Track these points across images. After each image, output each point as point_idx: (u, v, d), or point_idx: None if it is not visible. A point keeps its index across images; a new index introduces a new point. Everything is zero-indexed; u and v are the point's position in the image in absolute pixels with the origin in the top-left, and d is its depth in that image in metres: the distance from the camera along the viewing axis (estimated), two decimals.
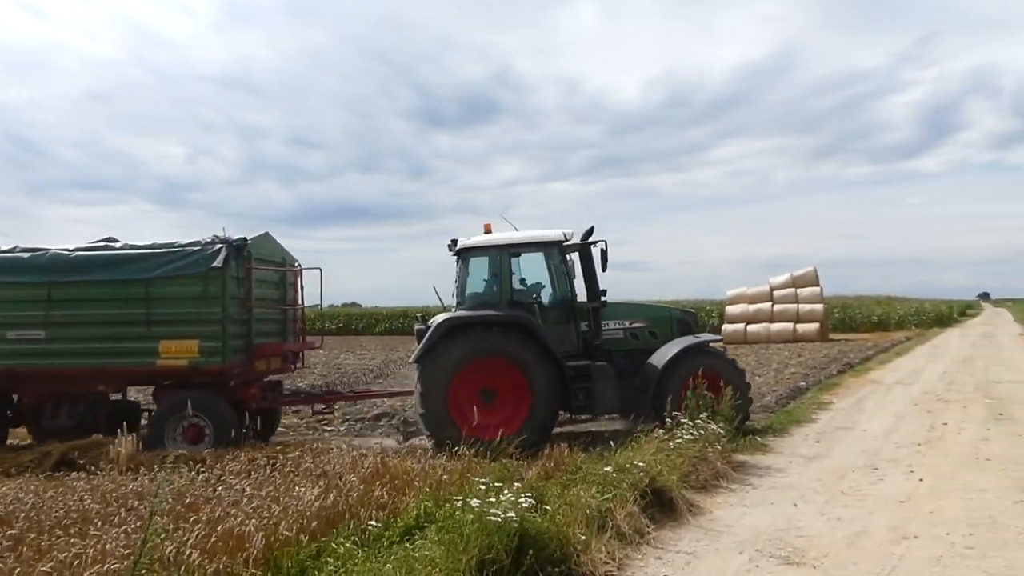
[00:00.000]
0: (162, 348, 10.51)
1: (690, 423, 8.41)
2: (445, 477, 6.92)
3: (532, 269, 11.37)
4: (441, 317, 10.62)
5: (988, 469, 8.11)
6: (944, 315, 49.47)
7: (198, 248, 10.70)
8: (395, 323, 50.25)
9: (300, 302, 12.77)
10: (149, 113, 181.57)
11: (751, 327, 34.83)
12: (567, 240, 11.12)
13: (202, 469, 7.86)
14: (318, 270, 12.52)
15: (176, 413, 10.53)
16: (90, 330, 10.68)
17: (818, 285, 35.52)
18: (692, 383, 10.09)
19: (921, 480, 7.71)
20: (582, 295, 11.22)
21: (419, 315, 11.83)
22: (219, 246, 10.61)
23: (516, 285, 11.08)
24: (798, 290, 35.20)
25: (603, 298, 11.08)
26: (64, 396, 11.03)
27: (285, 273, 12.36)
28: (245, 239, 10.89)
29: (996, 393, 14.34)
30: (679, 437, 8.06)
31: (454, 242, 11.23)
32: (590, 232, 11.11)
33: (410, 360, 10.69)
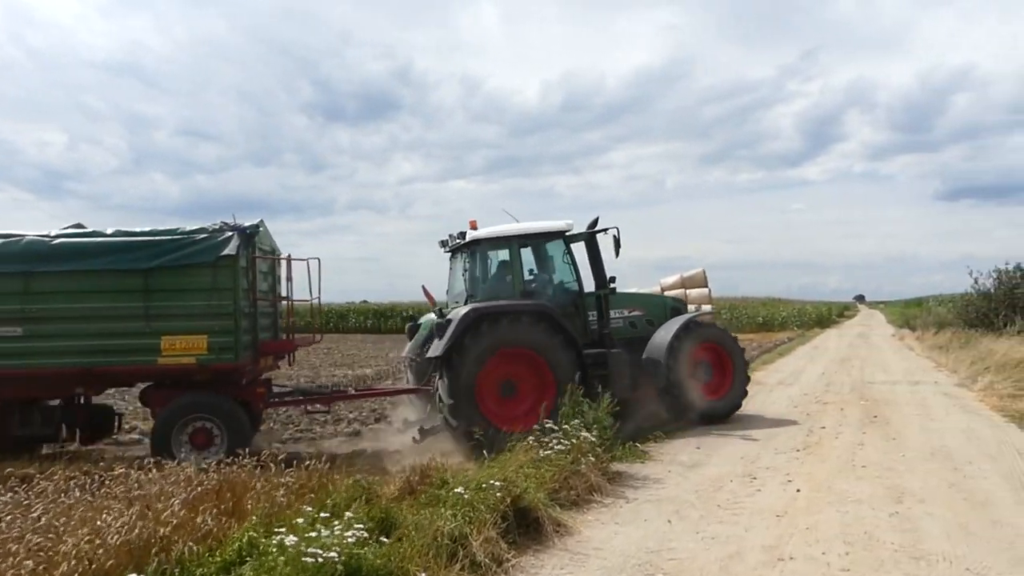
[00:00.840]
0: (164, 345, 9.48)
1: (561, 431, 7.85)
2: (283, 499, 6.06)
3: (533, 260, 11.53)
4: (463, 309, 10.28)
5: (864, 477, 7.92)
6: (824, 316, 51.68)
7: (206, 235, 9.70)
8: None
9: (290, 294, 11.41)
10: (26, 98, 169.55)
11: None
12: (570, 230, 11.32)
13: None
14: (316, 260, 10.94)
15: (185, 416, 9.57)
16: (76, 326, 9.45)
17: (707, 286, 36.11)
18: (698, 354, 11.37)
19: (798, 491, 7.41)
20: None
21: (437, 309, 11.56)
22: (230, 233, 9.69)
23: (526, 276, 11.18)
24: (688, 291, 35.67)
25: (612, 286, 11.36)
26: (36, 400, 9.98)
27: (274, 263, 11.29)
28: (257, 226, 10.03)
29: (871, 395, 14.58)
30: (550, 448, 7.49)
31: (461, 235, 11.06)
32: (595, 222, 11.38)
33: (434, 354, 10.16)
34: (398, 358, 16.41)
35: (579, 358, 10.38)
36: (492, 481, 6.06)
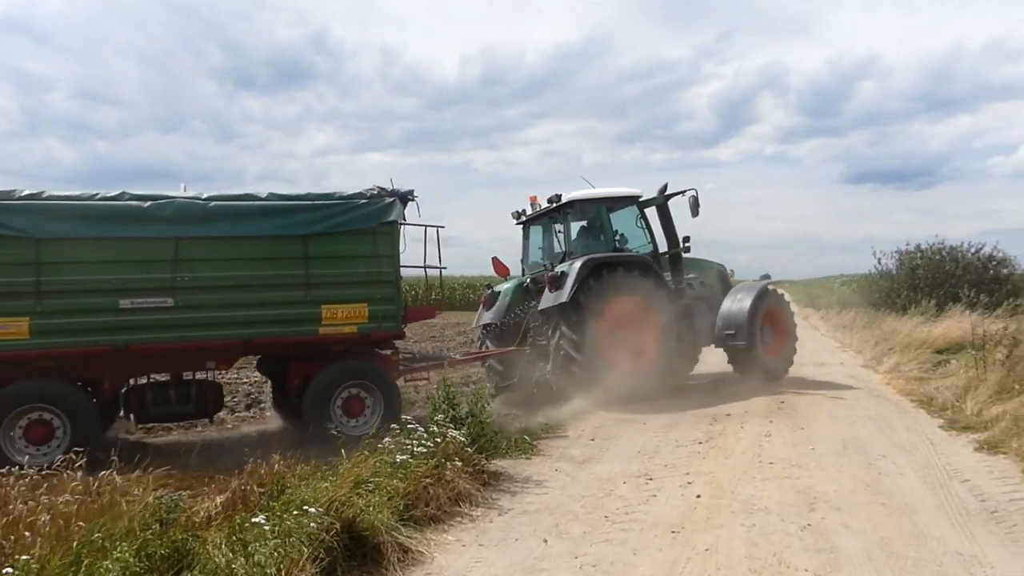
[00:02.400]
0: (325, 314, 9.06)
1: (425, 430, 6.59)
2: (40, 536, 4.58)
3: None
4: (579, 260, 11.09)
5: (771, 477, 6.98)
6: None
7: (366, 200, 9.29)
8: None
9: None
10: None
11: None
12: (642, 196, 12.52)
13: None
14: (438, 228, 10.05)
15: (342, 384, 9.23)
16: (234, 295, 8.76)
17: None
18: (766, 319, 12.54)
19: (699, 496, 6.39)
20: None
21: (546, 264, 12.29)
22: (391, 199, 9.35)
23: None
24: None
25: (687, 244, 12.47)
26: (165, 376, 9.27)
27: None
28: (412, 191, 9.60)
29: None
30: (408, 451, 6.22)
31: (557, 196, 11.83)
32: (665, 187, 12.43)
33: (553, 303, 10.87)
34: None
35: (674, 308, 11.64)
36: (309, 508, 4.73)
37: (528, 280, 12.43)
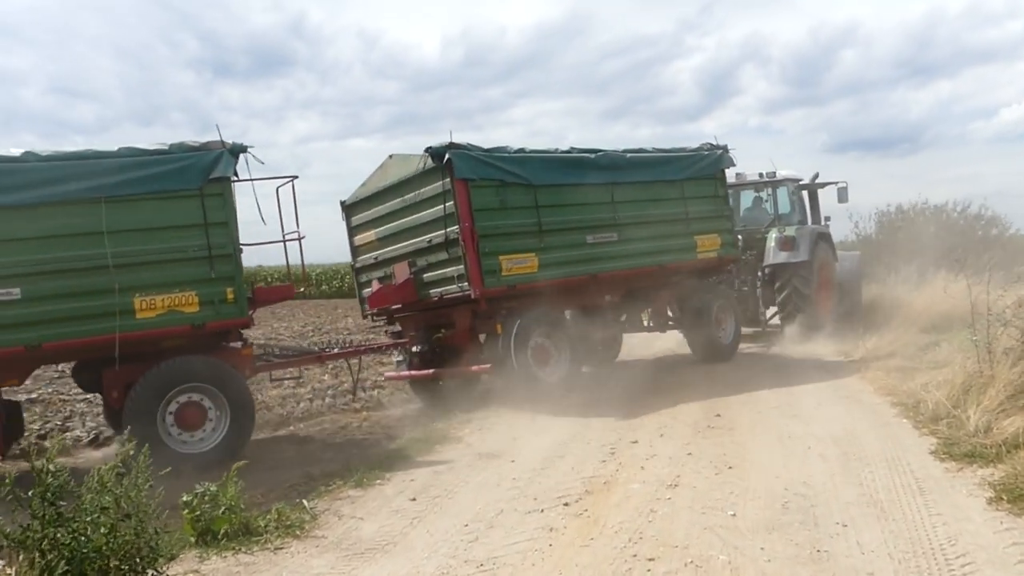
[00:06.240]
0: (699, 243, 11.07)
1: None
2: None
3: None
4: (806, 229, 13.51)
5: None
6: None
7: (708, 152, 11.40)
8: None
9: None
10: None
11: None
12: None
13: None
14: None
15: (706, 297, 11.68)
16: (651, 230, 10.50)
17: None
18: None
19: None
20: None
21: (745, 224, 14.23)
22: (719, 151, 11.51)
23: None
24: None
25: (828, 222, 14.69)
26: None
27: None
28: (727, 144, 11.80)
29: (722, 370, 10.87)
30: None
31: (772, 173, 14.09)
32: (816, 176, 14.52)
33: (791, 260, 12.90)
34: None
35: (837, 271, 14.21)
36: None
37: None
